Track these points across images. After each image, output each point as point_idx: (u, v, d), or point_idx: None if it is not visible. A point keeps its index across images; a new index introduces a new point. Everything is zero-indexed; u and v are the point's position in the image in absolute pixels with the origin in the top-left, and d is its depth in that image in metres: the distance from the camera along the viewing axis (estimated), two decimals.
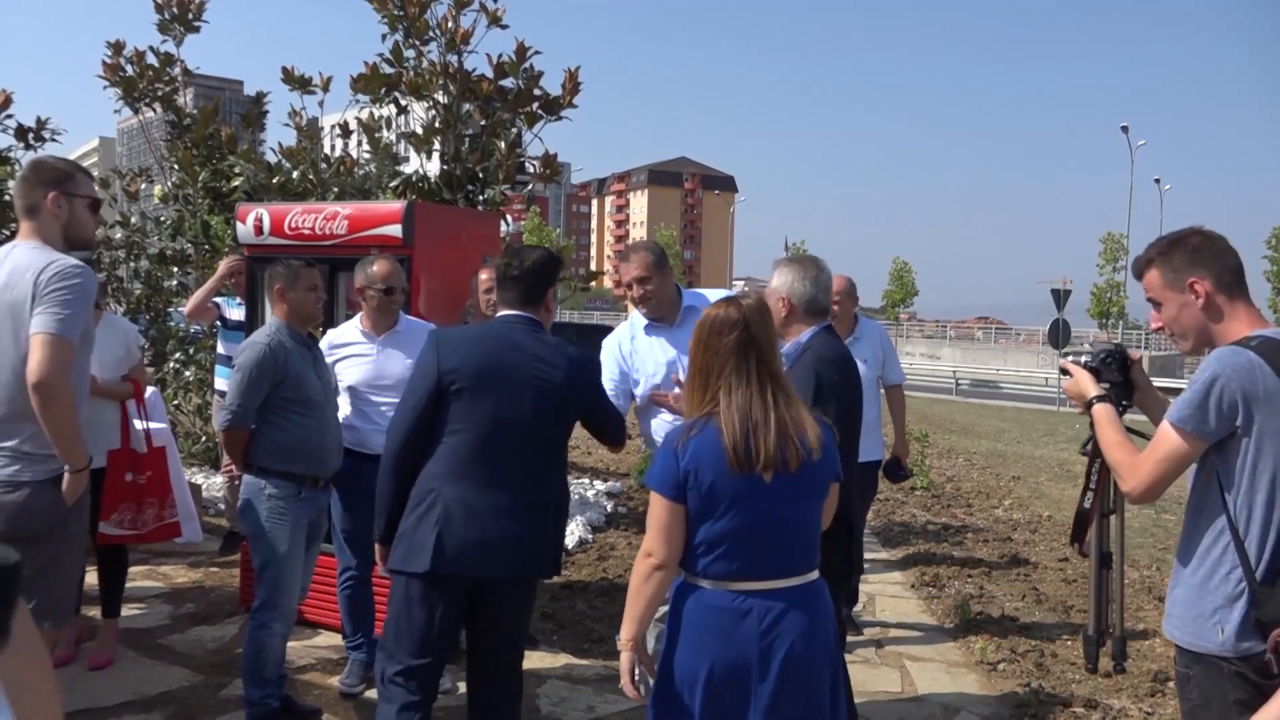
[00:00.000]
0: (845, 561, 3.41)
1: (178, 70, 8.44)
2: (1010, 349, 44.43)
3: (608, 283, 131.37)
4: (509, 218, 9.04)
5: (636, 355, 4.00)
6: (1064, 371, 2.86)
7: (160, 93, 8.41)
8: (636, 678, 2.54)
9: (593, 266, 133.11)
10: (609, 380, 3.86)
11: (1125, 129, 46.51)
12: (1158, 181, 52.95)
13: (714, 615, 2.45)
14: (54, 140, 9.68)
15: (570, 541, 7.07)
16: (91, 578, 4.69)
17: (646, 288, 3.91)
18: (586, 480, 9.55)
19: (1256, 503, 2.30)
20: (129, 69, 8.35)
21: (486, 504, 3.07)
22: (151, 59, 8.41)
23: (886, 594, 6.35)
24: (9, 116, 9.36)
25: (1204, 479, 2.41)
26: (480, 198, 7.38)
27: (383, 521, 3.20)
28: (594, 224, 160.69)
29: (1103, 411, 2.65)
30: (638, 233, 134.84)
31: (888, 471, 5.52)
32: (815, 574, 2.55)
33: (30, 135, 9.48)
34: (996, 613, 5.99)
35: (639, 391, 3.96)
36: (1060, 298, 25.05)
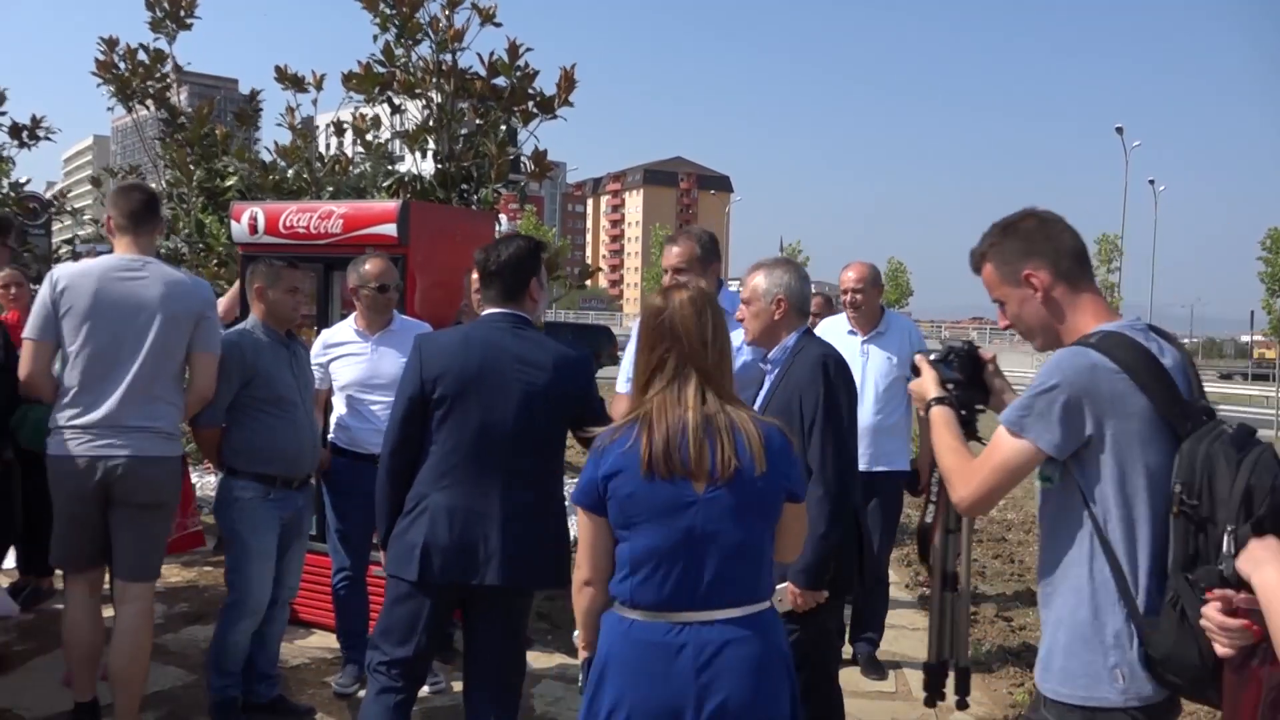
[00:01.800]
0: (849, 577, 3.22)
1: (170, 68, 8.41)
2: (1004, 349, 44.43)
3: (603, 281, 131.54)
4: (504, 217, 9.03)
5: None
6: (914, 369, 2.56)
7: (153, 90, 8.39)
8: (582, 679, 2.40)
9: (588, 265, 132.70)
10: (624, 379, 3.83)
11: (1120, 130, 46.61)
12: (1152, 183, 53.10)
13: (643, 651, 2.19)
14: (48, 139, 9.66)
15: None
16: None
17: (679, 279, 3.83)
18: None
19: (1130, 520, 2.00)
20: (122, 66, 8.32)
21: (476, 511, 3.02)
22: (143, 56, 8.38)
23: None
24: (3, 114, 9.34)
25: (1062, 496, 2.11)
26: (474, 197, 7.37)
27: (383, 528, 3.17)
28: (589, 223, 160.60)
29: (938, 414, 2.37)
30: (633, 232, 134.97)
31: (908, 485, 5.04)
32: (765, 604, 2.28)
33: (24, 133, 9.46)
34: (991, 613, 5.99)
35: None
36: None
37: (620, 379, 4.00)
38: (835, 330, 5.01)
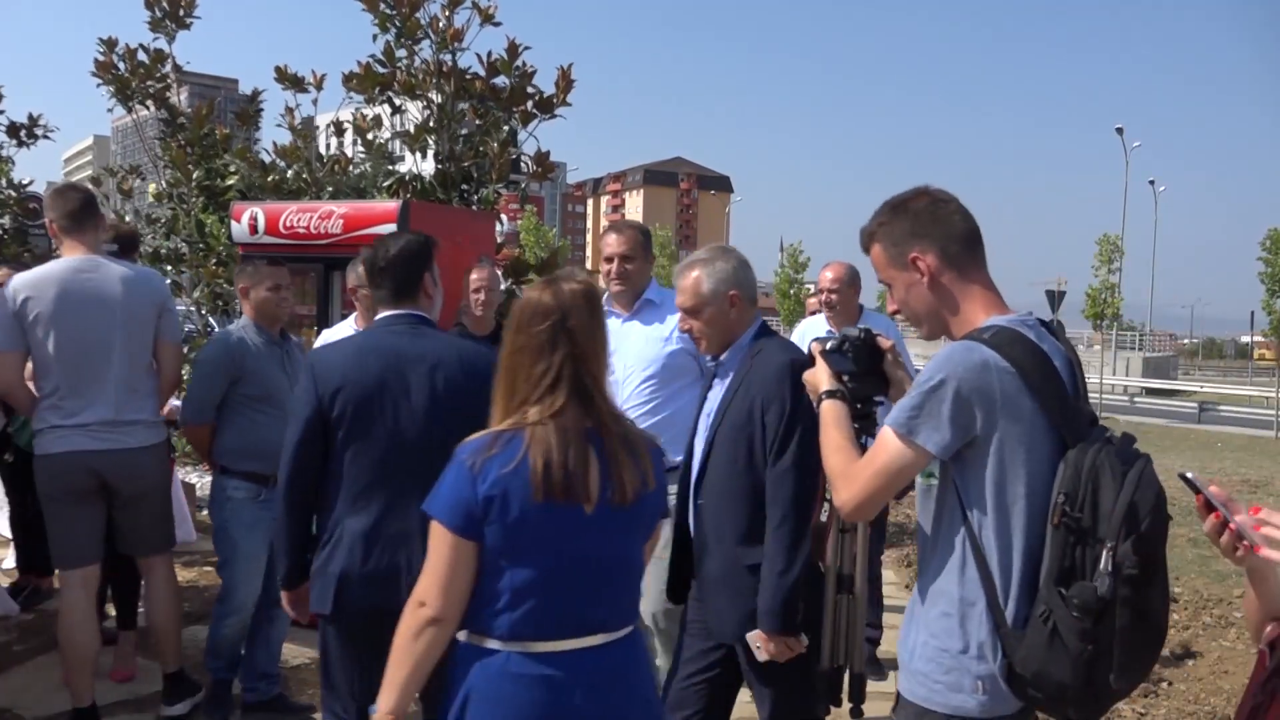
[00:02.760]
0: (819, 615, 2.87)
1: (169, 68, 8.41)
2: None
3: (602, 282, 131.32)
4: (504, 217, 9.03)
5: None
6: (811, 359, 2.40)
7: (153, 90, 8.38)
8: None
9: (588, 266, 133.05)
10: None
11: (1120, 130, 46.60)
12: (1152, 183, 53.13)
13: (523, 689, 1.92)
14: (46, 138, 9.65)
15: None
16: None
17: (627, 266, 3.78)
18: None
19: (1006, 528, 1.89)
20: (121, 66, 8.32)
21: (394, 531, 2.73)
22: (143, 56, 8.38)
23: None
24: (1, 113, 9.32)
25: (940, 496, 2.03)
26: (475, 197, 7.37)
27: (284, 565, 2.91)
28: (590, 224, 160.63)
29: (827, 409, 2.20)
30: None
31: None
32: (633, 626, 2.11)
33: (22, 132, 9.44)
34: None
35: None
36: (1055, 299, 25.10)
37: None
38: (814, 330, 4.96)
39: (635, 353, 3.78)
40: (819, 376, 2.30)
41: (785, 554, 2.67)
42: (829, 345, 2.34)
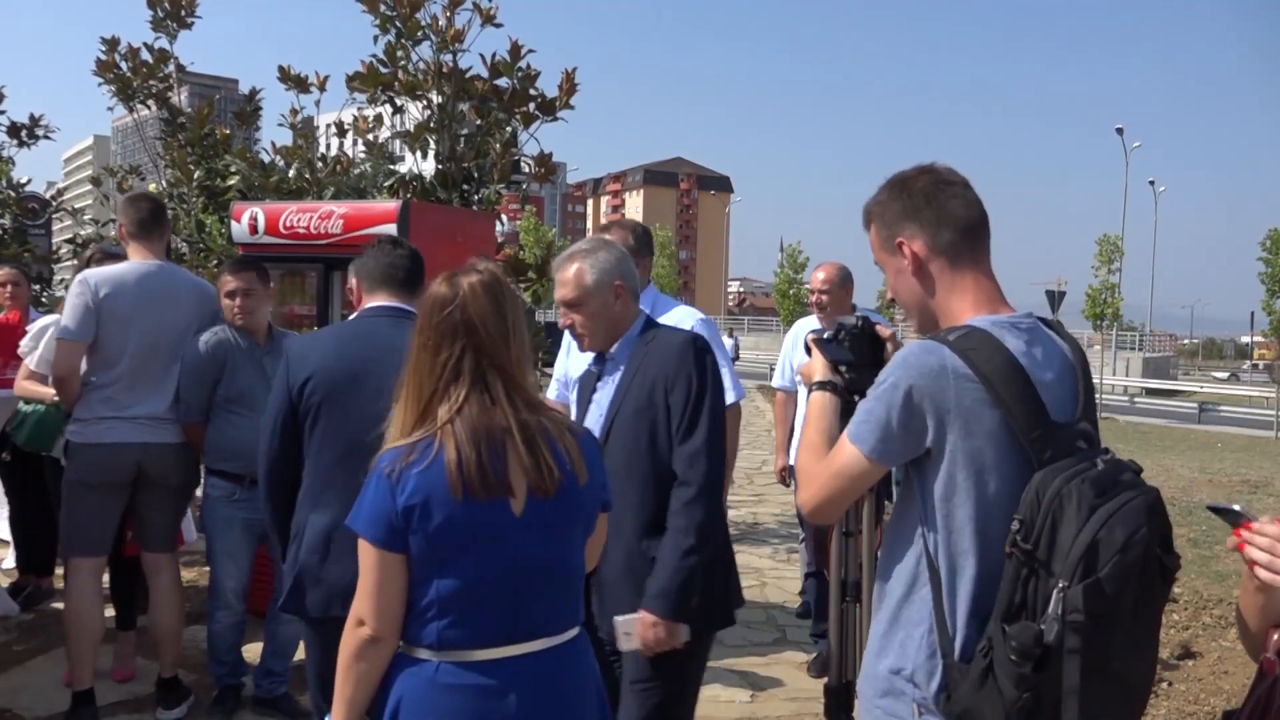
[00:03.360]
0: (724, 607, 2.72)
1: (171, 68, 8.42)
2: None
3: None
4: (504, 217, 9.03)
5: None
6: (807, 349, 2.24)
7: (154, 90, 8.39)
8: None
9: None
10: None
11: (1120, 131, 46.60)
12: (1152, 184, 53.13)
13: (458, 699, 1.85)
14: (47, 138, 9.67)
15: None
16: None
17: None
18: None
19: (955, 550, 1.71)
20: (123, 66, 8.33)
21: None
22: (146, 55, 8.39)
23: None
24: (1, 113, 9.33)
25: (904, 502, 1.85)
26: (475, 197, 7.37)
27: (281, 550, 2.90)
28: (589, 224, 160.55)
29: (815, 402, 2.03)
30: None
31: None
32: (578, 629, 2.02)
33: (23, 132, 9.45)
34: None
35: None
36: (1055, 299, 25.09)
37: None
38: (808, 331, 4.96)
39: None
40: (814, 366, 2.14)
41: (695, 533, 2.47)
42: (826, 334, 2.22)
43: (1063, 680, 1.56)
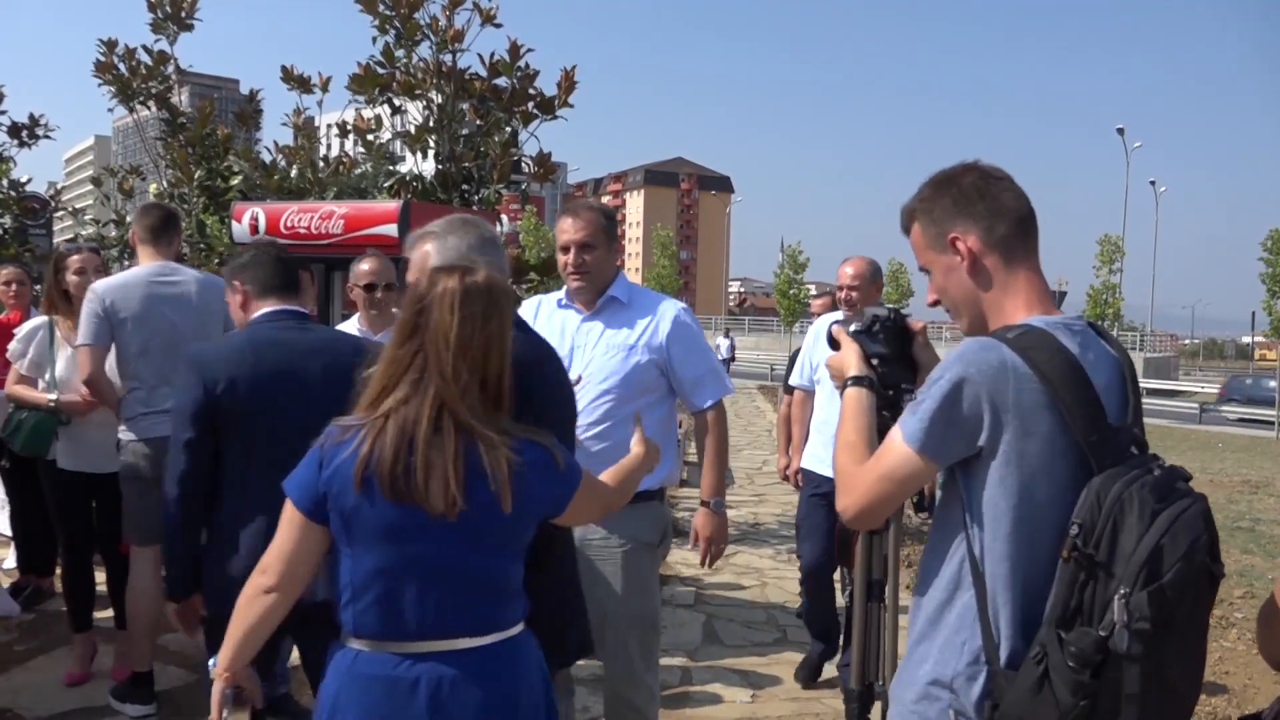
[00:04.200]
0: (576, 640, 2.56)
1: (171, 69, 8.43)
2: None
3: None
4: (505, 217, 9.04)
5: (547, 333, 3.14)
6: (833, 342, 2.16)
7: (154, 91, 8.40)
8: (226, 714, 1.99)
9: None
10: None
11: (1121, 131, 46.60)
12: (1153, 184, 53.13)
13: (370, 686, 1.87)
14: (48, 138, 9.67)
15: None
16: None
17: (585, 257, 3.10)
18: None
19: (1005, 554, 1.66)
20: (122, 67, 8.34)
21: None
22: (145, 57, 8.40)
23: None
24: (2, 113, 9.34)
25: (947, 504, 1.80)
26: (475, 197, 7.38)
27: (176, 572, 2.81)
28: None
29: (852, 399, 1.95)
30: (634, 233, 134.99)
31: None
32: (514, 630, 1.98)
33: (24, 132, 9.46)
34: None
35: None
36: (1056, 299, 25.11)
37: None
38: (829, 324, 4.78)
39: (594, 361, 3.17)
40: (846, 359, 2.05)
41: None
42: (855, 326, 2.13)
43: (1123, 687, 1.53)
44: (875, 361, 2.06)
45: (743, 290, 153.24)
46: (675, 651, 5.08)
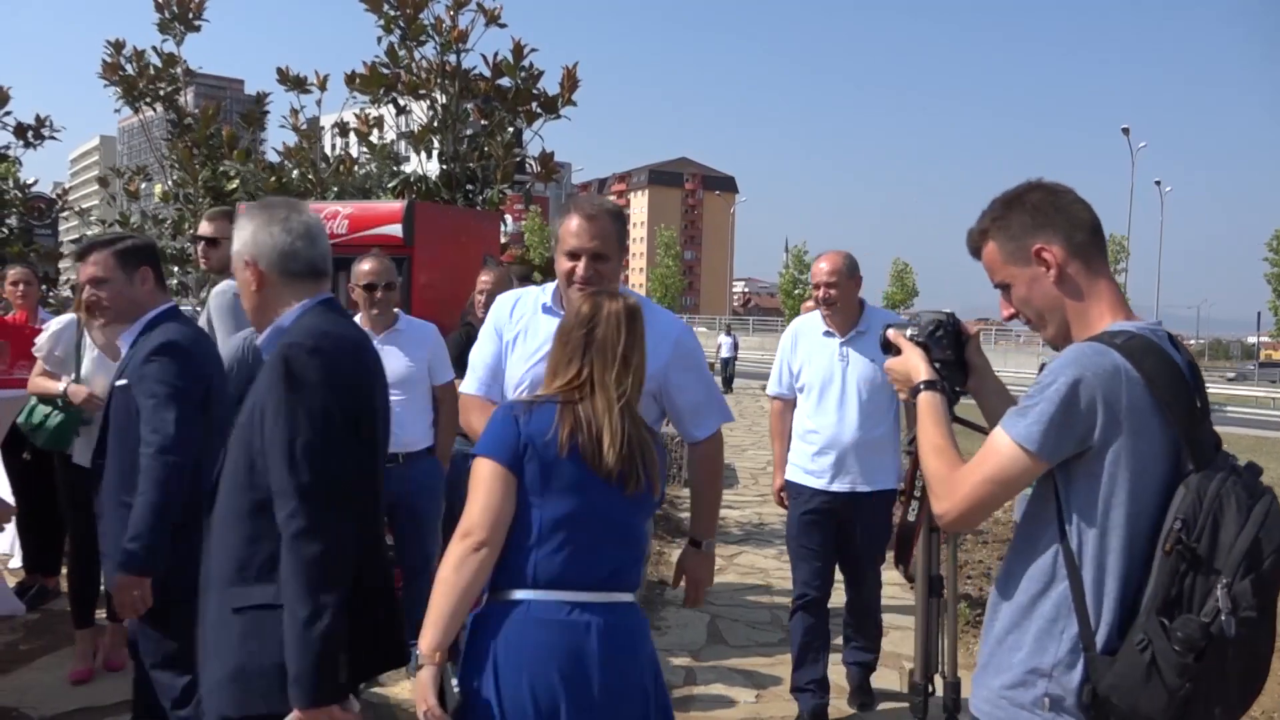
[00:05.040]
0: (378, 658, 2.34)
1: (179, 70, 8.45)
2: (1010, 350, 44.43)
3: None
4: (509, 217, 9.05)
5: (526, 334, 2.83)
6: (887, 348, 2.23)
7: (161, 92, 8.43)
8: (455, 686, 2.03)
9: None
10: (475, 378, 2.89)
11: (1126, 131, 46.56)
12: (1158, 183, 53.02)
13: (547, 633, 2.06)
14: (53, 138, 9.70)
15: None
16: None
17: (598, 268, 2.64)
18: None
19: (1106, 547, 1.77)
20: (129, 68, 8.36)
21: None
22: (153, 58, 8.42)
23: (886, 595, 6.33)
24: (8, 114, 9.38)
25: (1039, 501, 1.89)
26: (479, 197, 7.39)
27: (158, 543, 2.81)
28: None
29: (928, 403, 2.04)
30: (638, 233, 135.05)
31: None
32: (633, 595, 2.22)
33: (29, 133, 9.49)
34: None
35: (513, 378, 2.79)
36: None
37: (468, 379, 2.94)
38: (810, 330, 4.38)
39: None
40: (914, 364, 2.12)
41: (312, 601, 1.99)
42: (913, 331, 2.19)
43: (1225, 668, 1.67)
44: (937, 365, 2.14)
45: (747, 290, 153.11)
46: (679, 651, 5.08)
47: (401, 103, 7.56)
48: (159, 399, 2.91)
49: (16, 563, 5.83)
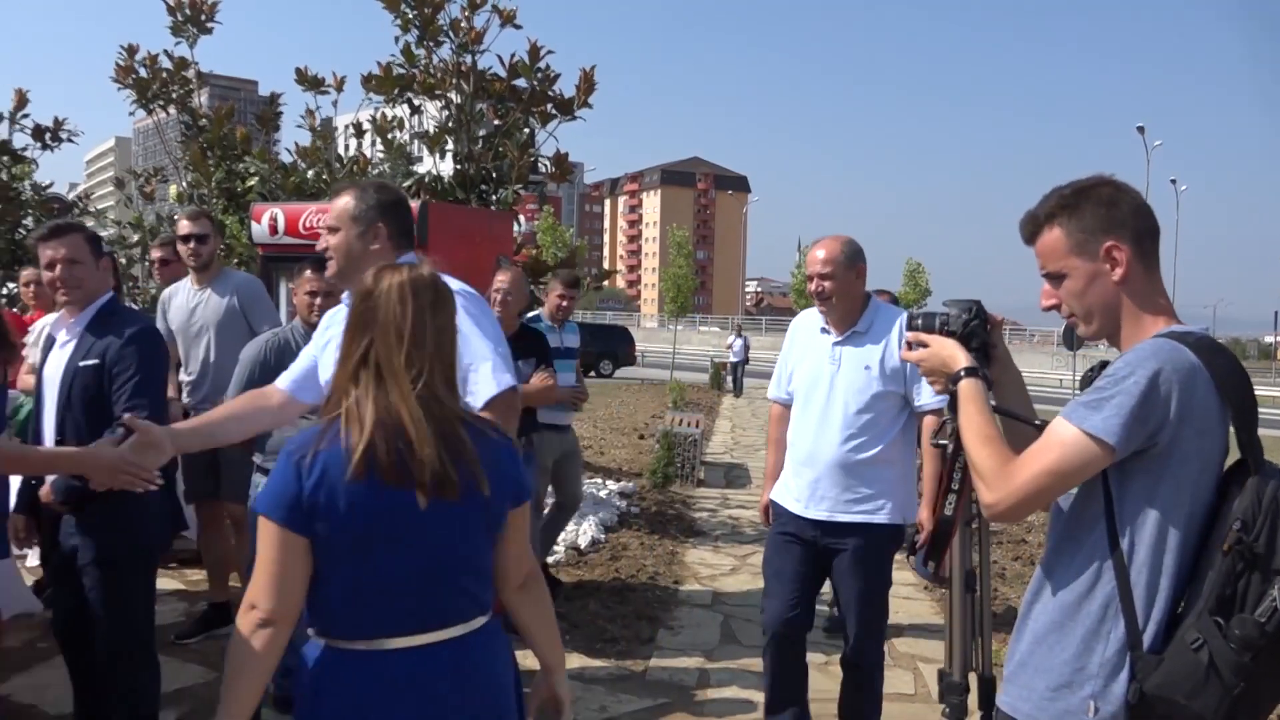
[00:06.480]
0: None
1: (192, 73, 8.48)
2: (1024, 349, 44.29)
3: (620, 282, 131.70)
4: (522, 218, 9.06)
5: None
6: (912, 343, 2.18)
7: (175, 95, 8.46)
8: None
9: (605, 266, 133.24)
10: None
11: (1141, 129, 46.29)
12: (1174, 182, 52.71)
13: (374, 688, 1.83)
14: (71, 140, 9.75)
15: (583, 541, 7.08)
16: None
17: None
18: (599, 480, 9.57)
19: (1160, 546, 1.76)
20: (142, 71, 8.40)
21: None
22: (165, 62, 8.46)
23: (899, 595, 6.31)
24: (25, 116, 9.43)
25: (1085, 499, 1.86)
26: (493, 198, 7.40)
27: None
28: (607, 224, 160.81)
29: (970, 389, 1.98)
30: (650, 233, 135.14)
31: (894, 543, 3.62)
32: (487, 617, 1.97)
33: (47, 135, 9.55)
34: (1011, 616, 5.96)
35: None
36: None
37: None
38: (807, 327, 3.77)
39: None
40: (950, 353, 2.07)
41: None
42: (939, 322, 2.15)
43: (1276, 668, 1.67)
44: (975, 350, 2.11)
45: (760, 290, 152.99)
46: (693, 652, 5.08)
47: (416, 103, 7.57)
48: (143, 378, 3.18)
49: (34, 560, 5.86)
